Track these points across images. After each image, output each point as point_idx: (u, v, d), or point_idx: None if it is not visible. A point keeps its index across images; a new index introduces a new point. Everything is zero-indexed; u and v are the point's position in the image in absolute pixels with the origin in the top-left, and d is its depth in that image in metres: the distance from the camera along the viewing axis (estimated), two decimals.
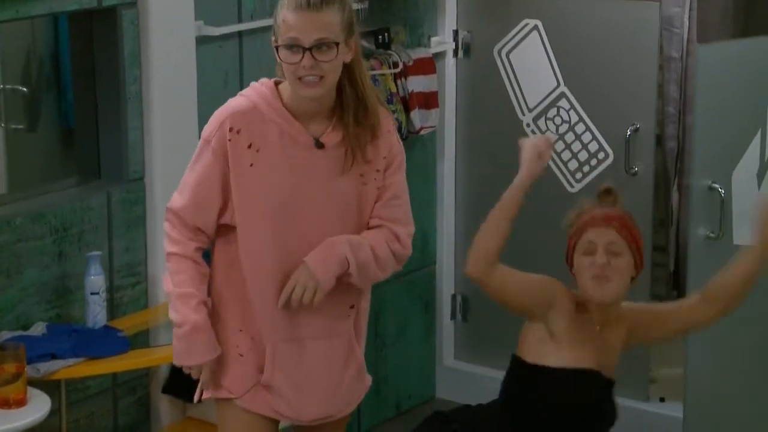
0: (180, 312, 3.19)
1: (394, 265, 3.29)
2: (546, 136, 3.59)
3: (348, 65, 3.14)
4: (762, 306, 4.44)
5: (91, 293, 3.92)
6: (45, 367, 3.72)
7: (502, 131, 5.20)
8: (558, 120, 5.05)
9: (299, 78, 3.08)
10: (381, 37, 4.87)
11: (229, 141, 3.13)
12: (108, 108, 4.14)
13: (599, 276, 3.28)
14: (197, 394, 3.33)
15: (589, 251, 3.31)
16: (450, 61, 5.27)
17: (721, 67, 4.35)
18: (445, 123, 5.29)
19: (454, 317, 5.46)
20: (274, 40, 3.13)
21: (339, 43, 3.08)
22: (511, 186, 3.39)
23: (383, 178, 3.25)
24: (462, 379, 5.39)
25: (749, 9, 5.56)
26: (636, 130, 4.87)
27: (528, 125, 5.13)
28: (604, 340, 3.39)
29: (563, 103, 5.04)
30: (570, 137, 5.04)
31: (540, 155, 3.37)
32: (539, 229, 5.11)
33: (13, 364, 3.58)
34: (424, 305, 5.41)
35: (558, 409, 3.32)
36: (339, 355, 3.29)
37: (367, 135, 3.20)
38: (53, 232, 3.95)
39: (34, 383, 3.68)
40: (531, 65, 5.09)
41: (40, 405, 3.64)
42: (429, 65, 5.04)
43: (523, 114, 5.14)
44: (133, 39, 4.11)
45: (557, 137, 3.62)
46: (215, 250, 3.28)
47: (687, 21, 5.45)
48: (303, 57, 3.05)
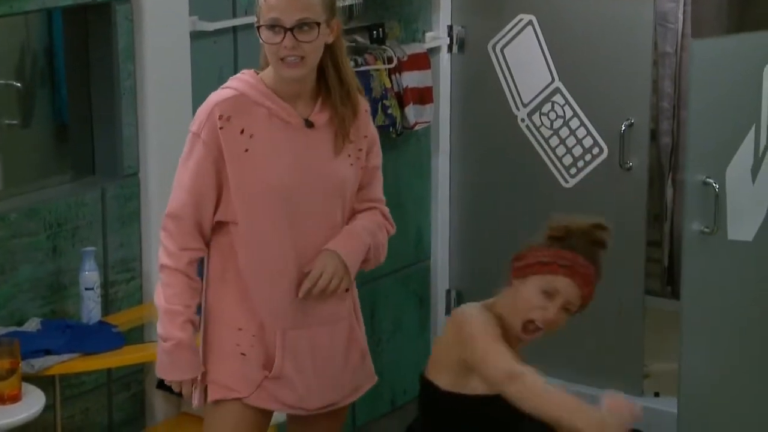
0: (166, 328, 3.17)
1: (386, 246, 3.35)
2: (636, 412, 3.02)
3: (329, 46, 3.13)
4: (757, 302, 4.46)
5: (86, 289, 3.92)
6: (39, 363, 3.71)
7: (496, 126, 5.21)
8: (552, 115, 5.06)
9: (281, 59, 3.07)
10: (375, 33, 4.87)
11: (221, 129, 3.10)
12: (102, 103, 4.13)
13: (537, 330, 3.13)
14: (197, 398, 3.27)
15: (547, 295, 3.12)
16: (444, 57, 5.27)
17: (716, 63, 4.34)
18: (440, 118, 5.29)
19: (448, 312, 5.42)
20: (256, 20, 3.12)
21: (320, 24, 3.06)
22: (580, 409, 2.94)
23: (366, 159, 3.26)
24: None
25: (744, 4, 5.56)
26: (630, 125, 4.86)
27: (522, 120, 5.14)
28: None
29: (558, 99, 5.04)
30: (564, 132, 5.06)
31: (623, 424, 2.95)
32: (533, 225, 5.16)
33: (8, 359, 3.56)
34: (418, 300, 5.40)
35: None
36: (342, 340, 3.29)
37: (351, 116, 3.20)
38: (47, 227, 3.94)
39: (28, 379, 3.67)
40: (525, 60, 5.08)
41: (34, 401, 3.63)
42: (423, 60, 5.03)
43: (518, 109, 5.14)
44: (128, 34, 4.10)
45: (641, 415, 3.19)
46: (209, 252, 3.25)
47: (681, 16, 5.45)
48: (284, 37, 3.04)
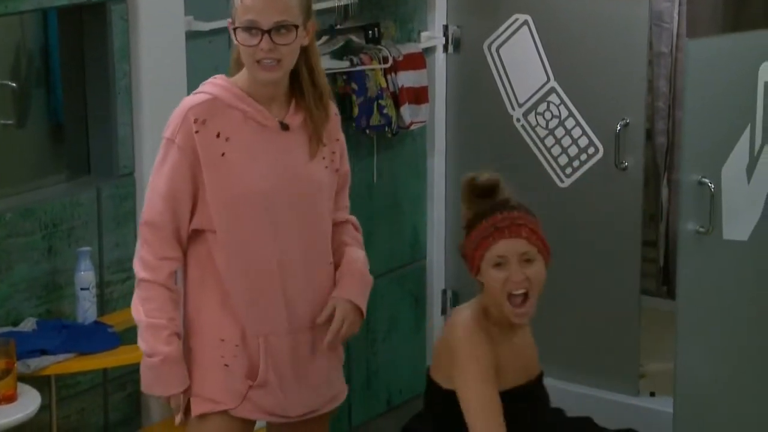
0: (149, 343, 3.12)
1: None
2: None
3: (304, 49, 3.10)
4: (752, 302, 4.46)
5: (81, 289, 3.92)
6: (35, 363, 3.71)
7: (492, 126, 5.22)
8: (548, 115, 5.06)
9: (257, 61, 3.02)
10: (371, 32, 4.86)
11: (197, 133, 3.05)
12: (97, 103, 4.13)
13: (518, 293, 3.05)
14: (179, 417, 3.20)
15: (501, 265, 3.06)
16: (440, 56, 5.27)
17: (711, 62, 4.34)
18: (435, 118, 5.28)
19: (444, 312, 5.45)
20: (231, 21, 3.07)
21: (298, 26, 3.03)
22: None
23: (340, 163, 3.24)
24: None
25: (739, 4, 5.58)
26: (626, 124, 4.87)
27: (518, 120, 5.14)
28: (523, 344, 3.19)
29: (553, 98, 5.05)
30: (560, 132, 5.05)
31: None
32: None
33: (3, 360, 3.56)
34: (414, 300, 5.41)
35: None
36: (321, 347, 3.24)
37: (325, 118, 3.17)
38: (43, 227, 3.94)
39: (24, 379, 3.67)
40: (521, 60, 5.09)
41: (30, 401, 3.63)
42: (419, 60, 5.03)
43: (513, 109, 5.14)
44: (123, 34, 4.10)
45: None
46: (186, 261, 3.19)
47: (677, 16, 5.48)
48: (261, 40, 3.00)
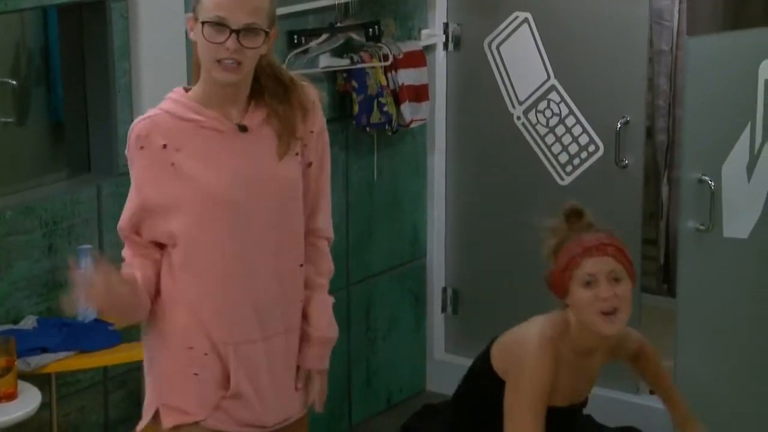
0: None
1: None
2: None
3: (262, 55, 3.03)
4: (753, 300, 4.50)
5: None
6: (35, 361, 3.72)
7: (492, 124, 5.23)
8: (548, 113, 5.07)
9: (218, 60, 2.92)
10: (371, 30, 4.87)
11: (141, 149, 2.96)
12: (98, 101, 4.13)
13: (608, 310, 3.16)
14: (142, 423, 3.11)
15: (590, 283, 3.18)
16: (440, 54, 5.28)
17: (711, 60, 4.38)
18: (436, 116, 5.29)
19: (444, 310, 5.48)
20: (192, 16, 2.96)
21: (267, 32, 2.94)
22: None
23: (314, 157, 3.13)
24: (452, 372, 5.10)
25: (739, 2, 5.60)
26: (626, 122, 4.88)
27: (518, 118, 5.15)
28: (595, 367, 3.33)
29: (553, 96, 5.06)
30: (560, 130, 5.07)
31: None
32: (529, 222, 5.16)
33: (3, 357, 3.57)
34: (414, 298, 5.41)
35: None
36: (293, 351, 3.16)
37: (297, 113, 3.06)
38: (43, 225, 3.95)
39: (24, 377, 3.68)
40: (521, 58, 5.10)
41: (30, 399, 3.64)
42: (419, 58, 5.03)
43: (514, 107, 5.16)
44: (123, 32, 4.10)
45: None
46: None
47: (677, 14, 5.50)
48: (228, 39, 2.90)
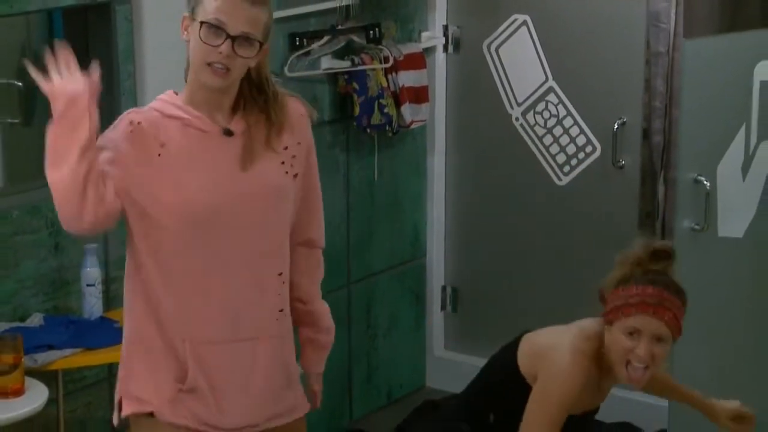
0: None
1: None
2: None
3: (255, 66, 2.98)
4: (748, 298, 4.47)
5: (87, 285, 3.93)
6: (42, 358, 3.73)
7: (491, 125, 5.23)
8: (546, 114, 5.08)
9: (209, 63, 2.89)
10: (372, 33, 4.86)
11: (131, 132, 2.92)
12: (102, 103, 4.11)
13: (636, 366, 3.15)
14: (115, 416, 3.07)
15: (633, 335, 3.15)
16: (440, 56, 5.28)
17: (708, 62, 4.31)
18: (435, 117, 5.29)
19: (444, 308, 5.49)
20: (190, 15, 2.93)
21: (262, 44, 2.91)
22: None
23: (305, 176, 3.10)
24: (451, 369, 5.35)
25: (735, 4, 5.53)
26: (623, 123, 4.90)
27: (517, 119, 5.15)
28: (612, 382, 3.32)
29: (551, 98, 5.06)
30: (558, 131, 5.08)
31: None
32: (527, 222, 5.22)
33: (11, 354, 3.58)
34: (414, 297, 5.43)
35: None
36: (266, 359, 3.06)
37: (276, 120, 3.01)
38: (49, 225, 3.95)
39: (31, 373, 3.69)
40: (520, 60, 5.11)
41: (37, 395, 3.64)
42: (419, 60, 5.04)
43: (512, 108, 5.16)
44: (127, 35, 4.11)
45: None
46: (126, 262, 3.04)
47: (674, 16, 5.41)
48: (223, 43, 2.87)
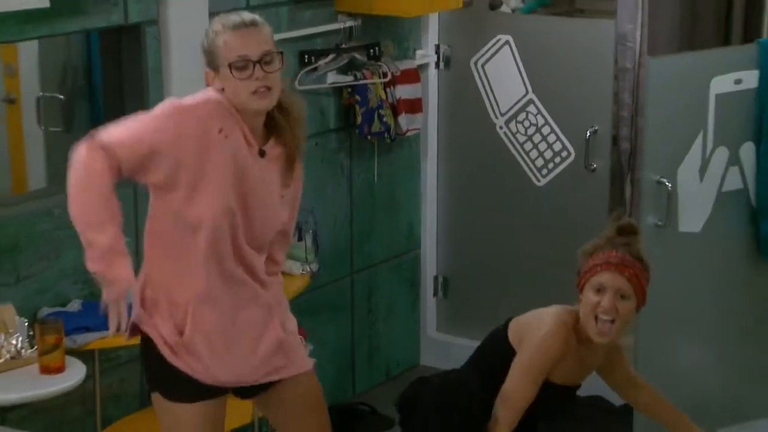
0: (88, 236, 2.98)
1: None
2: None
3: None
4: (705, 286, 4.61)
5: None
6: (81, 339, 3.89)
7: (478, 133, 5.34)
8: (527, 123, 5.20)
9: (253, 92, 3.00)
10: (372, 51, 4.98)
11: (198, 126, 3.00)
12: (134, 113, 4.04)
13: (604, 318, 3.33)
14: (129, 331, 3.13)
15: (599, 291, 3.34)
16: (432, 72, 5.37)
17: (669, 77, 4.42)
18: (428, 126, 5.38)
19: (436, 295, 5.62)
20: (211, 70, 3.03)
21: (282, 53, 3.04)
22: None
23: (291, 206, 3.24)
24: (443, 348, 5.48)
25: (693, 26, 5.68)
26: (595, 131, 5.02)
27: (500, 128, 5.27)
28: (593, 361, 3.52)
29: (531, 109, 5.18)
30: (537, 138, 5.20)
31: None
32: (510, 218, 5.34)
33: (53, 336, 3.73)
34: (410, 285, 5.56)
35: (536, 414, 3.49)
36: (256, 325, 3.17)
37: (298, 156, 3.16)
38: None
39: (71, 353, 3.82)
40: (503, 75, 5.19)
41: (76, 372, 3.78)
42: (414, 75, 5.15)
43: (497, 118, 5.28)
44: (155, 52, 4.21)
45: None
46: (153, 203, 3.12)
47: (639, 36, 5.52)
48: (254, 70, 2.98)
